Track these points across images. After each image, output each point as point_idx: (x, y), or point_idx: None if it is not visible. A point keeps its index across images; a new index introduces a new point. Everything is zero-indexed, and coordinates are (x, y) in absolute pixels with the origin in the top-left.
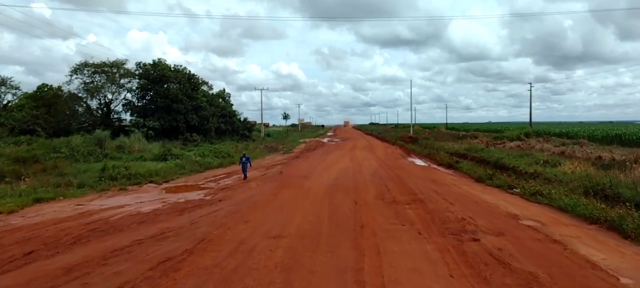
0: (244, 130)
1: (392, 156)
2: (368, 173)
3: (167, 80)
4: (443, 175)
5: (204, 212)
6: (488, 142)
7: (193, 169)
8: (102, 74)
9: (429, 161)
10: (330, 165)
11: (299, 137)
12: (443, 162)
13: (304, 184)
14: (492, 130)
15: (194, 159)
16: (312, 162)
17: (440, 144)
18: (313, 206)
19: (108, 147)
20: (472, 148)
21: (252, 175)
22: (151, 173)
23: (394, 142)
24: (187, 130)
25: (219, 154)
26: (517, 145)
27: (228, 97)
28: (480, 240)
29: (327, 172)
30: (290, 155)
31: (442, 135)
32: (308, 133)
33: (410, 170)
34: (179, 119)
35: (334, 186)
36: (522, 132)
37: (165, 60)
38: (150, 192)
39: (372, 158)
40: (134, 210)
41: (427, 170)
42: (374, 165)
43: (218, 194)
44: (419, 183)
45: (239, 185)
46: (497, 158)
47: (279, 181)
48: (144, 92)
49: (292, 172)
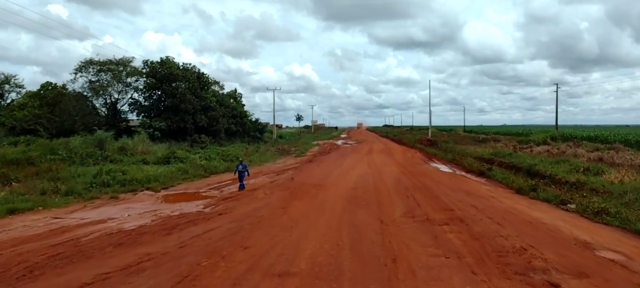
0: (255, 131)
1: (413, 161)
2: (390, 181)
3: (175, 79)
4: (476, 185)
5: (198, 231)
6: (514, 146)
7: (197, 174)
8: (108, 72)
9: (455, 167)
10: (347, 171)
11: (312, 139)
12: (472, 169)
13: (318, 194)
14: (512, 133)
15: (199, 163)
16: (327, 167)
17: (462, 147)
18: (330, 226)
19: (110, 148)
20: (498, 152)
21: (261, 182)
22: (150, 178)
23: (413, 145)
24: (195, 132)
25: (226, 157)
26: (546, 150)
27: (239, 97)
28: (560, 286)
29: (343, 179)
30: (302, 158)
31: (461, 138)
32: (321, 135)
33: (437, 178)
34: (186, 119)
35: (353, 198)
36: (548, 136)
37: (173, 58)
38: (144, 201)
39: (392, 164)
40: (116, 226)
41: (456, 178)
42: (394, 171)
43: (219, 206)
44: (452, 196)
45: (243, 195)
46: (530, 165)
47: (289, 190)
48: (151, 91)
49: (305, 179)
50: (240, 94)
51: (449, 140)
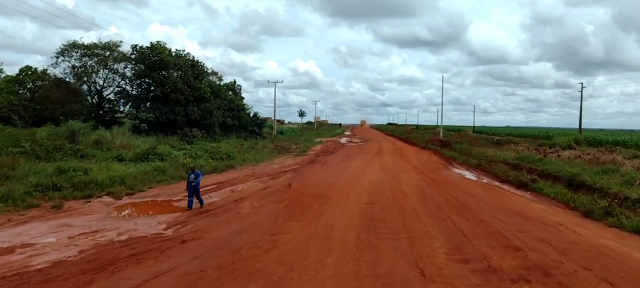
0: (253, 126)
1: (431, 165)
2: (412, 192)
3: (166, 67)
4: (525, 203)
5: (136, 279)
6: (544, 151)
7: (176, 175)
8: (93, 57)
9: (483, 174)
10: (356, 176)
11: (314, 136)
12: (507, 178)
13: (321, 212)
14: (528, 135)
15: (181, 161)
16: (331, 170)
17: (479, 149)
18: (341, 280)
19: (83, 141)
20: (525, 157)
21: (250, 189)
22: (115, 180)
23: (424, 146)
24: (186, 125)
25: (216, 155)
26: (577, 156)
27: (239, 89)
28: None
29: (353, 189)
30: (303, 158)
31: (474, 140)
32: (324, 132)
33: (470, 190)
34: (177, 111)
35: (370, 221)
36: (572, 139)
37: (164, 43)
38: (93, 213)
39: (407, 168)
40: (21, 262)
41: (495, 192)
42: (414, 178)
43: (188, 225)
44: (503, 220)
45: (227, 208)
46: (572, 174)
47: (285, 202)
48: (141, 80)
49: (305, 186)
50: (239, 86)
51: (463, 141)
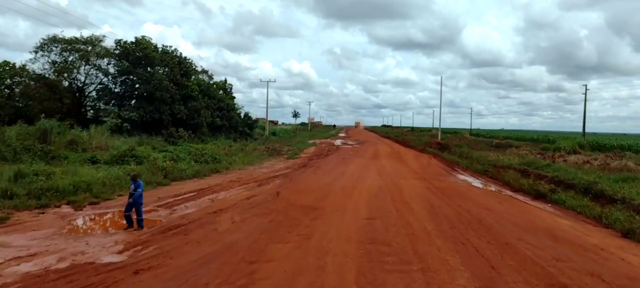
0: (243, 127)
1: (433, 170)
2: (418, 204)
3: (151, 63)
4: (550, 219)
5: None
6: (552, 156)
7: (152, 181)
8: (75, 52)
9: (490, 181)
10: (352, 183)
11: (308, 138)
12: (522, 188)
13: (313, 229)
14: (527, 139)
15: (160, 165)
16: (325, 176)
17: (479, 153)
18: None
19: (57, 142)
20: (531, 162)
21: (233, 197)
22: (81, 186)
23: (423, 149)
24: (172, 124)
25: (200, 158)
26: (585, 161)
27: (229, 88)
28: None
29: (349, 199)
30: (295, 161)
31: (475, 143)
32: (318, 133)
33: (483, 202)
34: (163, 110)
35: (372, 243)
36: (575, 144)
37: (150, 38)
38: (41, 229)
39: (408, 174)
40: None
41: (511, 204)
42: (416, 186)
43: (149, 247)
44: (533, 243)
45: (203, 222)
46: (588, 183)
47: (270, 216)
48: (125, 77)
49: (295, 196)
50: (230, 85)
51: (462, 144)
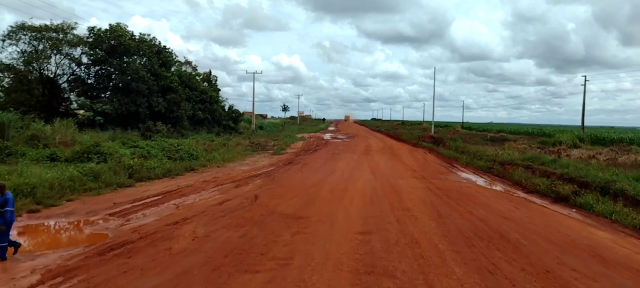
0: (228, 120)
1: (431, 167)
2: (422, 212)
3: (127, 52)
4: (585, 231)
5: None
6: (558, 151)
7: (111, 182)
8: (45, 41)
9: (498, 181)
10: (343, 184)
11: (296, 131)
12: (536, 189)
13: (293, 253)
14: (521, 132)
15: (126, 163)
16: (312, 175)
17: (476, 148)
18: None
19: (17, 137)
20: (534, 158)
21: (203, 203)
22: (23, 190)
23: (416, 143)
24: (150, 118)
25: (174, 154)
26: (590, 156)
27: (214, 80)
28: None
29: (340, 206)
30: (280, 158)
31: (468, 136)
32: (307, 127)
33: (497, 208)
34: (139, 102)
35: (370, 274)
36: (575, 137)
37: (126, 26)
38: None
39: (405, 172)
40: None
41: (532, 210)
42: (416, 187)
43: (77, 276)
44: (584, 272)
45: (156, 238)
46: (604, 181)
47: (241, 229)
48: (100, 67)
49: (276, 201)
50: (215, 77)
51: (456, 137)
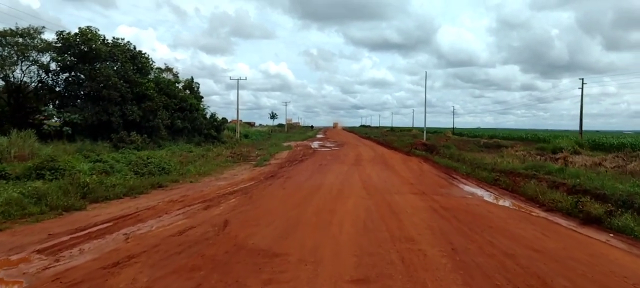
0: (209, 129)
1: (430, 179)
2: (431, 245)
3: (98, 58)
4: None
5: None
6: (565, 158)
7: (59, 205)
8: (11, 47)
9: (509, 195)
10: (331, 203)
11: (283, 140)
12: (557, 207)
13: None
14: (514, 138)
15: (82, 180)
16: (296, 191)
17: (472, 155)
18: None
19: None
20: (538, 166)
21: (158, 233)
22: None
23: (409, 152)
24: (123, 127)
25: (144, 168)
26: (595, 163)
27: (197, 87)
28: None
29: (326, 235)
30: (262, 170)
31: (463, 144)
32: (295, 135)
33: (526, 238)
34: (112, 111)
35: None
36: (573, 143)
37: (97, 29)
38: None
39: (401, 186)
40: None
41: (564, 237)
42: (418, 207)
43: None
44: None
45: None
46: (627, 194)
47: (196, 278)
48: (70, 74)
49: (248, 230)
50: (197, 84)
51: (450, 144)
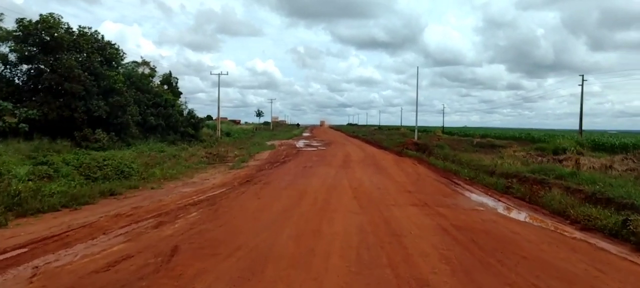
0: (186, 126)
1: (429, 186)
2: None
3: (61, 48)
4: None
5: None
6: (577, 161)
7: None
8: None
9: (524, 206)
10: (315, 221)
11: (267, 138)
12: (595, 226)
13: None
14: (508, 137)
15: (14, 187)
16: (273, 203)
17: (469, 156)
18: None
19: None
20: (545, 170)
21: (76, 270)
22: None
23: (400, 152)
24: (88, 124)
25: (97, 171)
26: (605, 166)
27: (175, 82)
28: None
29: (306, 275)
30: (238, 173)
31: (455, 143)
32: (280, 133)
33: (591, 285)
34: (75, 106)
35: None
36: (574, 143)
37: (60, 17)
38: None
39: (399, 196)
40: None
41: (625, 277)
42: (424, 225)
43: None
44: None
45: None
46: None
47: None
48: (29, 65)
49: (199, 265)
50: (175, 79)
51: (443, 144)
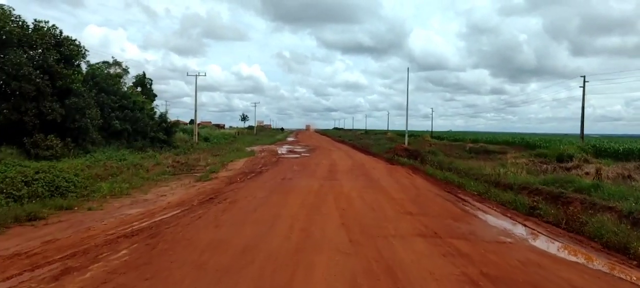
0: (157, 131)
1: (433, 204)
2: None
3: (10, 43)
4: None
5: None
6: (599, 171)
7: None
8: None
9: (562, 236)
10: (289, 266)
11: (248, 143)
12: None
13: None
14: (500, 141)
15: None
16: (233, 236)
17: (467, 164)
18: None
19: None
20: (559, 180)
21: None
22: None
23: (391, 159)
24: (40, 129)
25: (26, 187)
26: (621, 175)
27: (149, 83)
28: None
29: None
30: (203, 187)
31: (448, 149)
32: (263, 137)
33: None
34: (25, 109)
35: None
36: (577, 149)
37: (11, 9)
38: None
39: (402, 223)
40: None
41: None
42: (452, 283)
43: None
44: None
45: None
46: None
47: None
48: None
49: None
50: (150, 80)
51: (436, 150)
